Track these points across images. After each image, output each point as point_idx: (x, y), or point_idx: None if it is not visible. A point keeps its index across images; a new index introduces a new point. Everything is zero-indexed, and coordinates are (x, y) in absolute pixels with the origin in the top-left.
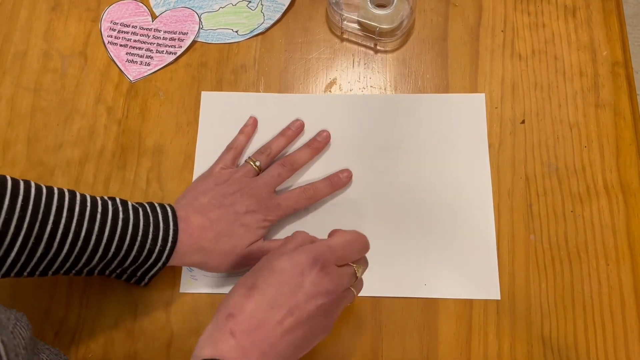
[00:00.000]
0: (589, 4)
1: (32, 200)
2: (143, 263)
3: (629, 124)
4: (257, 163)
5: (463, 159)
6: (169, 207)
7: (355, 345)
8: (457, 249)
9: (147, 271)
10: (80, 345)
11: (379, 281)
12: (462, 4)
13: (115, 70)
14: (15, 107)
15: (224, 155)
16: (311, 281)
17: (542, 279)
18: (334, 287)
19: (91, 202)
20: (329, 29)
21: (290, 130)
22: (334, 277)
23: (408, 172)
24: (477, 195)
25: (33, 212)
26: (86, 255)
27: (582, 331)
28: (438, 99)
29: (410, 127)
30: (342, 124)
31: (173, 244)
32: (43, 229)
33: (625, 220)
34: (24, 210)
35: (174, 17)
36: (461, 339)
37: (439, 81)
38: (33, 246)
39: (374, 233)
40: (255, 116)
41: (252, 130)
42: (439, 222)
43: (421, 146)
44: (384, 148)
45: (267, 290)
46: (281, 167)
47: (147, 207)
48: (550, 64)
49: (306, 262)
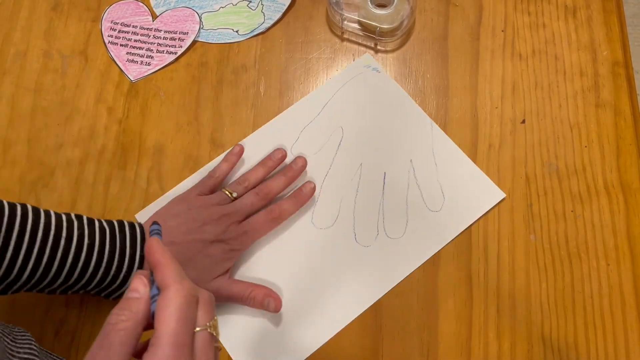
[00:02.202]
0: (589, 4)
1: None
2: (107, 287)
3: (629, 124)
4: (234, 194)
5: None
6: (139, 228)
7: (355, 345)
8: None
9: (113, 292)
10: (80, 345)
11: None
12: (462, 4)
13: (116, 70)
14: (15, 107)
15: (203, 182)
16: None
17: (542, 279)
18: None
19: (55, 226)
20: (330, 28)
21: (270, 160)
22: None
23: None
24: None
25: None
26: (47, 280)
27: (582, 331)
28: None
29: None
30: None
31: (139, 268)
32: (4, 251)
33: (626, 220)
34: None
35: (175, 17)
36: (461, 339)
37: (439, 81)
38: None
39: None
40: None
41: (236, 159)
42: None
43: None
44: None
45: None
46: (255, 196)
47: (115, 229)
48: (550, 64)
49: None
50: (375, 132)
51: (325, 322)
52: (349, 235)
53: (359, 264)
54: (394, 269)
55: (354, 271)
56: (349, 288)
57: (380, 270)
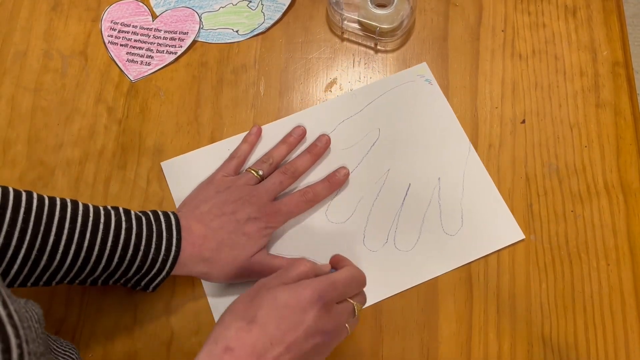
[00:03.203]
0: (589, 4)
1: (34, 211)
2: (147, 273)
3: (629, 124)
4: (260, 172)
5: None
6: (173, 216)
7: (355, 345)
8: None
9: (151, 280)
10: (80, 345)
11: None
12: (462, 4)
13: (116, 70)
14: (15, 107)
15: (226, 164)
16: (312, 319)
17: (543, 279)
18: (333, 326)
19: (94, 213)
20: (330, 28)
21: (291, 137)
22: (334, 316)
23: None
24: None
25: (35, 224)
26: (89, 267)
27: (582, 331)
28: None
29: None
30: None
31: (176, 253)
32: (46, 240)
33: (626, 220)
34: (26, 223)
35: (175, 17)
36: (461, 339)
37: (439, 81)
38: (36, 258)
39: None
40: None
41: (255, 139)
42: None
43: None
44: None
45: (268, 325)
46: (282, 175)
47: (150, 216)
48: (550, 64)
49: (310, 298)
50: (410, 142)
51: None
52: (358, 236)
53: (362, 265)
54: (394, 280)
55: None
56: None
57: (380, 277)
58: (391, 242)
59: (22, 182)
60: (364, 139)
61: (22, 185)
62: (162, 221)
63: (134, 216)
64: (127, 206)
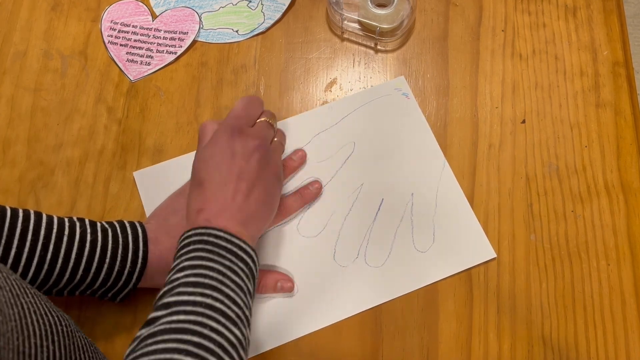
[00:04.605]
0: (589, 4)
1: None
2: (113, 285)
3: (630, 124)
4: None
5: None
6: (140, 227)
7: (355, 346)
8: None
9: (118, 293)
10: None
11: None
12: (462, 4)
13: (116, 70)
14: (15, 107)
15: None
16: (239, 146)
17: (543, 279)
18: (259, 140)
19: (58, 224)
20: (330, 28)
21: (291, 160)
22: (254, 133)
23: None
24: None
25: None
26: (52, 279)
27: (582, 331)
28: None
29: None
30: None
31: (143, 265)
32: (7, 252)
33: (626, 220)
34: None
35: (174, 17)
36: (461, 339)
37: (439, 81)
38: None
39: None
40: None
41: None
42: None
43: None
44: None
45: (213, 176)
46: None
47: (117, 227)
48: (550, 64)
49: (225, 137)
50: (385, 157)
51: (293, 328)
52: (329, 251)
53: (332, 280)
54: (364, 296)
55: (327, 286)
56: (319, 300)
57: (351, 293)
58: (362, 257)
59: (21, 182)
60: (339, 152)
61: (22, 185)
62: (129, 233)
63: (99, 228)
64: (126, 206)
